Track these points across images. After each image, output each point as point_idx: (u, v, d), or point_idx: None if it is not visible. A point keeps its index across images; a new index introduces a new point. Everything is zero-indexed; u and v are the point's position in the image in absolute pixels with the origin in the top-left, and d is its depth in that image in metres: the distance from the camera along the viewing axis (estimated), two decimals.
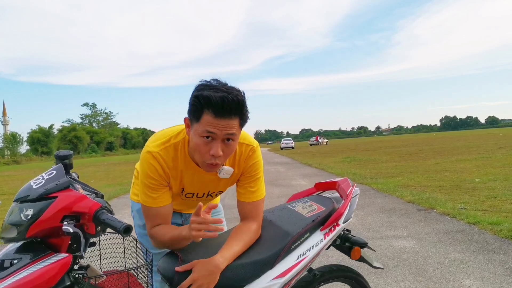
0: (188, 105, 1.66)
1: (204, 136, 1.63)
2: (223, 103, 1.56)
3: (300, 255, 1.89)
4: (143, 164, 1.77)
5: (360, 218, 6.54)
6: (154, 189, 1.77)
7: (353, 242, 2.12)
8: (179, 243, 1.76)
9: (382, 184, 10.50)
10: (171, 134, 1.80)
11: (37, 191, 1.44)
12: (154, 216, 1.80)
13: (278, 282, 1.82)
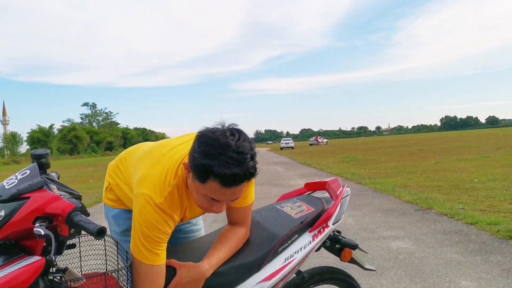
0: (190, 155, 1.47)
1: (208, 197, 1.49)
2: (234, 180, 1.40)
3: (288, 258, 1.83)
4: (146, 216, 1.52)
5: (357, 218, 6.48)
6: (161, 244, 1.56)
7: (343, 244, 2.07)
8: None
9: (381, 184, 10.45)
10: (167, 173, 1.59)
11: (9, 191, 1.38)
12: (157, 278, 1.56)
13: (264, 286, 1.76)
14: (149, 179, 1.58)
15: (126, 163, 1.89)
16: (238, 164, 1.40)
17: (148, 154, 1.74)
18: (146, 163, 1.67)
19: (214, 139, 1.42)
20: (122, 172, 1.87)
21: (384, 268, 4.05)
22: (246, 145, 1.43)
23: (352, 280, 2.16)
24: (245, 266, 1.76)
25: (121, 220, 1.94)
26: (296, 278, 2.03)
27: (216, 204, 1.52)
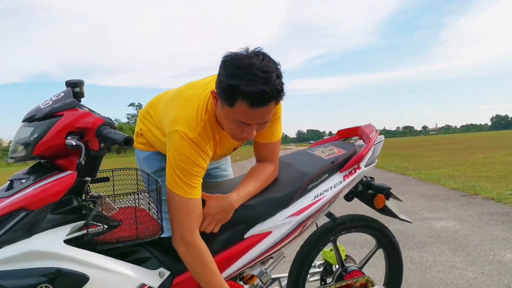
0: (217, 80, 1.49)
1: (238, 121, 1.50)
2: (261, 97, 1.40)
3: (317, 195, 1.81)
4: (182, 150, 1.55)
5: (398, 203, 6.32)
6: (198, 176, 1.58)
7: (377, 188, 2.02)
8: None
9: (425, 174, 10.15)
10: (197, 110, 1.61)
11: (44, 111, 1.44)
12: (194, 211, 1.58)
13: (293, 220, 1.75)
14: (182, 118, 1.60)
15: (156, 108, 1.91)
16: (264, 82, 1.40)
17: (177, 96, 1.76)
18: (176, 105, 1.69)
19: (239, 60, 1.43)
20: (153, 117, 1.90)
21: (425, 243, 3.94)
22: (271, 65, 1.44)
23: (388, 232, 2.11)
24: (274, 201, 1.75)
25: (151, 161, 1.97)
26: (327, 223, 2.00)
27: (246, 129, 1.52)
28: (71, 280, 1.39)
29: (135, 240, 1.52)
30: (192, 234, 1.57)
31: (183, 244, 1.57)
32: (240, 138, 1.58)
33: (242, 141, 1.61)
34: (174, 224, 1.59)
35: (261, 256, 1.73)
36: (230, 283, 1.71)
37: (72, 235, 1.44)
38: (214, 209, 1.63)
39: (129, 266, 1.54)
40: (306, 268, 1.95)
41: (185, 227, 1.57)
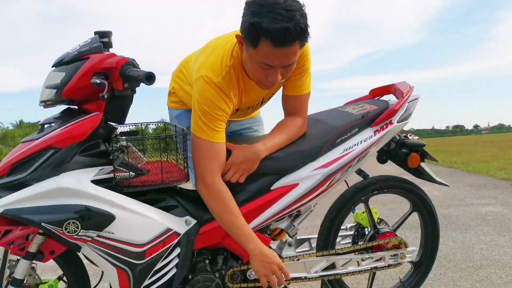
0: (241, 22, 1.49)
1: (262, 64, 1.50)
2: (284, 35, 1.39)
3: (346, 149, 1.78)
4: (205, 94, 1.56)
5: (444, 191, 6.11)
6: (221, 121, 1.59)
7: (410, 146, 1.95)
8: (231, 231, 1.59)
9: (474, 167, 9.76)
10: (223, 56, 1.61)
11: (71, 55, 1.48)
12: (217, 155, 1.59)
13: (321, 173, 1.72)
14: (206, 64, 1.61)
15: (188, 66, 1.93)
16: (287, 20, 1.39)
17: (204, 49, 1.76)
18: (203, 55, 1.70)
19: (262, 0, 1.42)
20: (185, 75, 1.92)
21: (469, 225, 3.79)
22: (295, 4, 1.42)
23: (424, 194, 2.04)
24: (301, 154, 1.72)
25: (183, 119, 1.99)
26: (358, 182, 1.96)
27: (271, 72, 1.51)
28: (97, 218, 1.43)
29: (160, 184, 1.53)
30: (213, 176, 1.57)
31: (204, 186, 1.58)
32: (265, 84, 1.56)
33: (267, 87, 1.59)
34: (196, 168, 1.60)
35: (288, 208, 1.71)
36: (257, 234, 1.70)
37: (99, 176, 1.48)
38: (239, 158, 1.63)
39: (156, 211, 1.56)
40: (336, 227, 1.91)
41: (206, 169, 1.57)
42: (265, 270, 1.57)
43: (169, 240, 1.55)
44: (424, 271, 2.09)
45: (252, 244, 1.57)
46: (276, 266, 1.58)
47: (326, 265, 1.85)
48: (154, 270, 1.54)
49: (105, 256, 1.47)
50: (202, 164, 1.58)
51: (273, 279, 1.58)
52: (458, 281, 2.38)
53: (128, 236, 1.48)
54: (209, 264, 1.67)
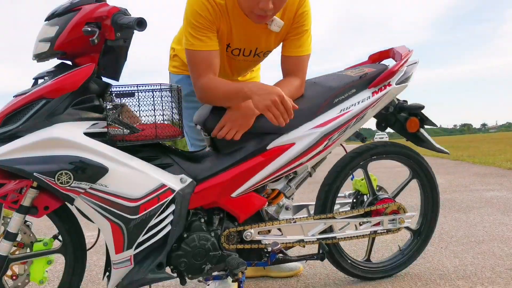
0: None
1: None
2: None
3: (343, 109, 1.76)
4: (192, 5, 1.64)
5: (449, 180, 6.08)
6: (203, 29, 1.64)
7: (409, 109, 1.93)
8: (232, 100, 1.64)
9: (480, 159, 9.70)
10: None
11: (63, 7, 1.48)
12: (202, 62, 1.66)
13: (317, 132, 1.70)
14: None
15: None
16: None
17: None
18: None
19: None
20: None
21: (473, 207, 3.75)
22: None
23: (421, 159, 2.01)
24: (298, 113, 1.70)
25: (183, 85, 1.99)
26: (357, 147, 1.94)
27: None
28: (90, 170, 1.42)
29: (154, 139, 1.52)
30: (203, 78, 1.66)
31: (198, 90, 1.69)
32: (256, 13, 1.58)
33: (259, 18, 1.61)
34: (192, 79, 1.71)
35: (284, 168, 1.70)
36: (253, 195, 1.69)
37: (92, 129, 1.47)
38: (234, 114, 1.62)
39: (150, 166, 1.55)
40: (334, 192, 1.90)
41: (198, 76, 1.67)
42: (265, 101, 1.52)
43: (164, 196, 1.54)
44: (424, 239, 2.07)
45: (246, 86, 1.59)
46: (276, 95, 1.52)
47: (324, 228, 1.83)
48: (149, 226, 1.53)
49: (99, 210, 1.46)
50: (194, 73, 1.67)
51: (275, 111, 1.53)
52: (460, 254, 2.35)
53: (121, 190, 1.47)
54: (204, 224, 1.65)
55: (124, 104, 1.62)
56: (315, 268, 2.27)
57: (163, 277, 1.57)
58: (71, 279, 1.61)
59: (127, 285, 1.54)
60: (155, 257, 1.56)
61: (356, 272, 1.97)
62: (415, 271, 2.10)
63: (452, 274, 2.03)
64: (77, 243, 1.61)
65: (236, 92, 1.61)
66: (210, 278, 1.67)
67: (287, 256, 1.81)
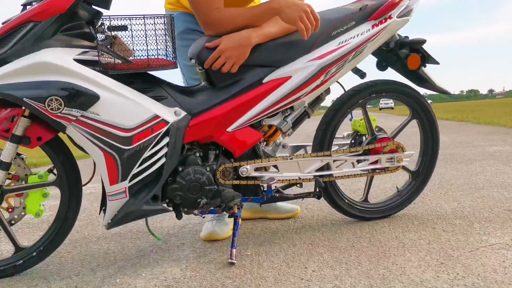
0: None
1: None
2: None
3: (342, 42, 1.71)
4: None
5: (453, 137, 6.05)
6: None
7: (410, 44, 1.87)
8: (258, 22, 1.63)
9: (485, 120, 9.63)
10: None
11: None
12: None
13: (314, 64, 1.66)
14: None
15: None
16: None
17: None
18: None
19: None
20: None
21: (475, 159, 3.72)
22: None
23: (422, 98, 1.98)
24: (295, 45, 1.67)
25: (178, 22, 1.94)
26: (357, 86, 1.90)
27: None
28: (81, 96, 1.40)
29: (146, 68, 1.49)
30: (216, 11, 1.61)
31: (214, 23, 1.62)
32: None
33: None
34: (199, 19, 1.66)
35: (280, 102, 1.67)
36: (249, 129, 1.67)
37: (83, 56, 1.44)
38: (229, 43, 1.58)
39: (144, 97, 1.52)
40: (332, 130, 1.87)
41: (209, 10, 1.61)
42: (297, 12, 1.54)
43: (157, 127, 1.52)
44: (422, 181, 2.05)
45: (273, 2, 1.58)
46: (306, 6, 1.56)
47: (320, 165, 1.82)
48: (143, 158, 1.52)
49: (91, 138, 1.45)
50: (204, 7, 1.61)
51: (306, 23, 1.55)
52: (459, 198, 2.34)
53: (114, 119, 1.45)
54: (200, 158, 1.64)
55: (116, 36, 1.58)
56: (313, 211, 2.27)
57: (158, 210, 1.57)
58: (67, 212, 1.61)
59: (122, 217, 1.54)
60: (150, 189, 1.56)
61: (353, 212, 1.97)
62: (412, 213, 2.10)
63: (450, 214, 2.02)
64: (71, 176, 1.60)
65: (262, 12, 1.61)
66: (206, 212, 1.67)
67: (283, 194, 1.81)
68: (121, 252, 1.82)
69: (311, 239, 1.81)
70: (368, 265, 1.49)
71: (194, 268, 1.57)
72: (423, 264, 1.46)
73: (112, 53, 1.49)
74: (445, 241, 1.67)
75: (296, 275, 1.44)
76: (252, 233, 1.96)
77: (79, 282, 1.51)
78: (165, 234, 2.04)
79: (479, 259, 1.47)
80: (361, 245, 1.69)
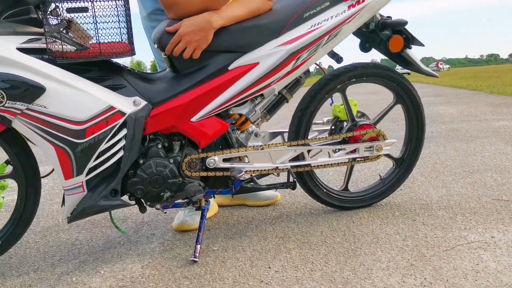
0: None
1: None
2: None
3: (314, 25, 1.58)
4: None
5: (460, 110, 5.86)
6: None
7: (392, 25, 1.74)
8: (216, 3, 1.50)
9: (499, 89, 9.35)
10: None
11: None
12: None
13: (284, 49, 1.55)
14: None
15: None
16: None
17: None
18: None
19: None
20: None
21: (477, 137, 3.58)
22: None
23: (405, 81, 1.85)
24: (263, 28, 1.55)
25: (147, 2, 1.85)
26: (335, 69, 1.78)
27: None
28: (24, 88, 1.31)
29: (98, 56, 1.39)
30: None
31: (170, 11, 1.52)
32: None
33: None
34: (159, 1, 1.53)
35: (248, 89, 1.56)
36: (214, 119, 1.57)
37: (27, 45, 1.34)
38: (190, 27, 1.46)
39: (97, 87, 1.43)
40: (308, 118, 1.76)
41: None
42: None
43: (113, 119, 1.43)
44: (407, 168, 1.95)
45: None
46: None
47: (294, 155, 1.72)
48: (99, 151, 1.44)
49: (40, 133, 1.37)
50: None
51: None
52: (449, 183, 2.24)
53: (63, 112, 1.37)
54: (162, 149, 1.55)
55: (72, 20, 1.47)
56: (295, 197, 2.19)
57: (117, 204, 1.50)
58: (25, 205, 1.55)
59: (81, 212, 1.48)
60: (108, 183, 1.49)
61: (331, 201, 1.88)
62: (396, 201, 2.01)
63: (435, 204, 1.93)
64: (28, 167, 1.53)
65: None
66: (169, 206, 1.60)
67: (256, 185, 1.72)
68: (88, 243, 1.77)
69: (284, 231, 1.74)
70: (335, 265, 1.41)
71: (156, 265, 1.51)
72: (392, 265, 1.38)
73: (66, 40, 1.40)
74: (422, 237, 1.58)
75: (257, 276, 1.37)
76: (226, 222, 1.90)
77: (34, 279, 1.47)
78: (138, 223, 1.98)
79: (452, 260, 1.38)
80: (333, 240, 1.61)
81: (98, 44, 1.38)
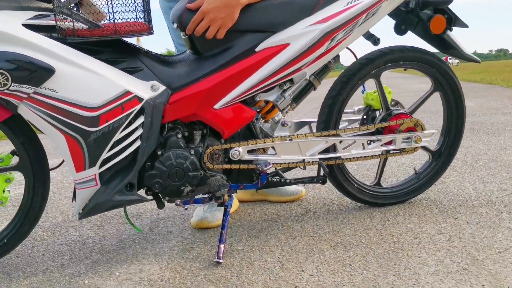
0: None
1: None
2: None
3: (351, 2, 1.43)
4: None
5: (480, 103, 5.67)
6: None
7: (434, 3, 1.58)
8: None
9: None
10: None
11: None
12: None
13: (317, 29, 1.39)
14: None
15: None
16: None
17: None
18: None
19: None
20: None
21: (504, 130, 3.41)
22: None
23: (446, 66, 1.69)
24: (294, 6, 1.40)
25: None
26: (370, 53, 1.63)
27: None
28: (31, 70, 1.17)
29: (113, 34, 1.24)
30: None
31: None
32: None
33: None
34: None
35: (277, 74, 1.41)
36: (240, 106, 1.42)
37: (35, 21, 1.20)
38: (214, 3, 1.31)
39: (112, 69, 1.29)
40: (339, 106, 1.61)
41: None
42: None
43: (129, 105, 1.29)
44: (444, 162, 1.79)
45: None
46: None
47: (325, 147, 1.57)
48: (114, 141, 1.30)
49: (48, 119, 1.23)
50: None
51: None
52: (486, 178, 2.08)
53: (74, 96, 1.23)
54: (182, 139, 1.41)
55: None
56: (320, 193, 2.04)
57: (133, 200, 1.36)
58: (32, 200, 1.42)
59: (93, 207, 1.34)
60: (123, 176, 1.35)
61: (363, 197, 1.73)
62: (432, 197, 1.85)
63: (475, 201, 1.77)
64: (35, 158, 1.40)
65: None
66: (189, 201, 1.45)
67: (283, 179, 1.58)
68: (100, 241, 1.63)
69: (313, 230, 1.59)
70: (376, 269, 1.26)
71: (175, 266, 1.37)
72: (441, 269, 1.23)
73: (77, 17, 1.25)
74: (468, 237, 1.43)
75: (289, 281, 1.23)
76: (249, 220, 1.75)
77: (43, 281, 1.33)
78: (153, 219, 1.84)
79: (509, 264, 1.23)
80: (370, 240, 1.47)
81: (113, 22, 1.24)
